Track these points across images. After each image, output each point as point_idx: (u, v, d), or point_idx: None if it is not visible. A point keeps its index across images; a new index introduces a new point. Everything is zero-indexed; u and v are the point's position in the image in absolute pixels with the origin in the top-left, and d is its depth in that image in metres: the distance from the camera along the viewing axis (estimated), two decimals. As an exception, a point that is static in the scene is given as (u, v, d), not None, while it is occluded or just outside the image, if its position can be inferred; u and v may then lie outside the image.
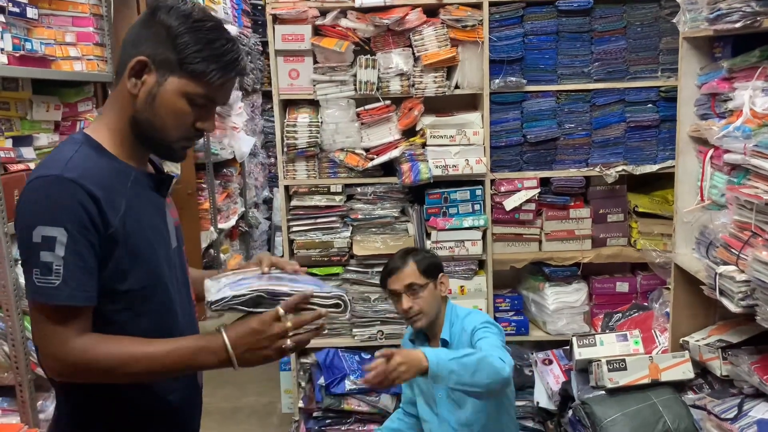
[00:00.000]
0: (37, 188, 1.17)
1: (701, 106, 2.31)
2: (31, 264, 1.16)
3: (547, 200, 3.09)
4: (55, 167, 1.18)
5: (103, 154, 1.25)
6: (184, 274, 1.41)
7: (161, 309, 1.30)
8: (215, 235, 5.19)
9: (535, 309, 3.21)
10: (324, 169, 3.07)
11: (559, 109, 3.03)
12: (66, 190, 1.15)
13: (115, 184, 1.22)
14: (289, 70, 2.98)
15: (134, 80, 1.24)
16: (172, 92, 1.23)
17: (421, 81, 2.95)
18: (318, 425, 3.00)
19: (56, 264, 1.14)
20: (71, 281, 1.15)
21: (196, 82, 1.24)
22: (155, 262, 1.28)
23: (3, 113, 2.40)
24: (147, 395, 1.31)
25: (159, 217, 1.33)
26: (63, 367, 1.20)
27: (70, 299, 1.16)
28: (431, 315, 2.21)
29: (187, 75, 1.23)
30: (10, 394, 2.44)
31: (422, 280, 2.19)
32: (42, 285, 1.15)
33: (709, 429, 2.08)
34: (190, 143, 1.33)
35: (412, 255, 2.25)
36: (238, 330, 1.22)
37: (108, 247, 1.19)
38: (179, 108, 1.25)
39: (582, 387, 2.51)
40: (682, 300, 2.43)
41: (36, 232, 1.14)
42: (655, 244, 3.04)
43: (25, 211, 1.18)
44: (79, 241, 1.15)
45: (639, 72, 3.02)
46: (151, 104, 1.24)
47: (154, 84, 1.23)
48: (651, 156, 3.07)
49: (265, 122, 6.67)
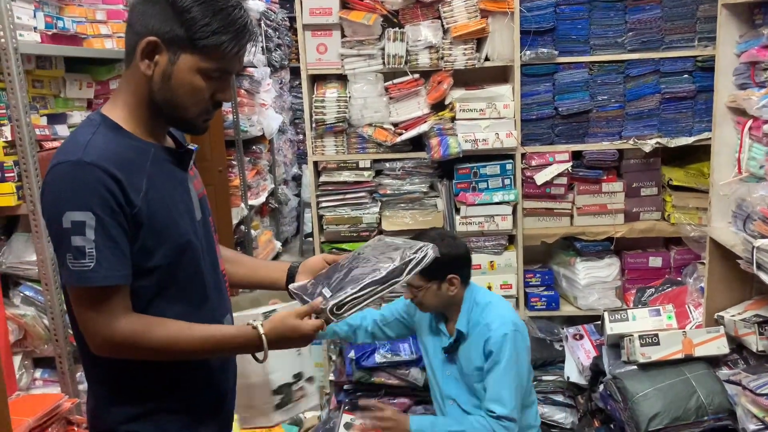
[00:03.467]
0: (59, 174, 1.18)
1: (740, 75, 2.25)
2: (63, 249, 1.17)
3: (579, 174, 3.04)
4: (74, 152, 1.18)
5: (121, 133, 1.25)
6: (211, 245, 1.42)
7: (190, 281, 1.32)
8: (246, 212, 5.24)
9: (566, 284, 3.18)
10: (352, 145, 3.06)
11: (591, 81, 2.97)
12: (88, 174, 1.16)
13: (135, 164, 1.23)
14: (317, 44, 2.96)
15: (147, 62, 1.22)
16: (186, 70, 1.22)
17: (450, 53, 2.91)
18: (348, 397, 3.04)
19: (88, 247, 1.16)
20: (104, 262, 1.17)
21: (210, 57, 1.22)
22: (180, 237, 1.28)
23: (37, 91, 2.44)
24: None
25: (182, 190, 1.33)
26: (110, 347, 1.22)
27: (105, 280, 1.17)
28: (434, 309, 2.16)
29: (199, 51, 1.21)
30: (50, 366, 2.52)
31: (420, 283, 2.05)
32: (77, 269, 1.17)
33: (744, 404, 2.05)
34: (210, 115, 1.31)
35: None
36: (274, 323, 1.29)
37: (133, 226, 1.21)
38: (196, 85, 1.23)
39: (613, 362, 2.49)
40: (717, 274, 2.39)
41: (65, 218, 1.15)
42: (689, 218, 2.98)
43: (51, 198, 1.19)
44: (108, 223, 1.17)
45: (675, 41, 2.94)
46: (167, 84, 1.23)
47: (167, 64, 1.22)
48: (686, 128, 3.00)
49: (293, 99, 6.67)
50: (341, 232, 3.08)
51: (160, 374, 1.31)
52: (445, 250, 2.01)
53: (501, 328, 2.01)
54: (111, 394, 1.32)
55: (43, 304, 2.40)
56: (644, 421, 2.15)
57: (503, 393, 1.99)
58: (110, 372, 1.30)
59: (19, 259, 2.40)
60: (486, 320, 2.05)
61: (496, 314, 2.07)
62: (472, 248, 3.02)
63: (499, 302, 2.15)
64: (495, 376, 2.00)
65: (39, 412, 2.12)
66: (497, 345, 2.00)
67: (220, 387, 1.43)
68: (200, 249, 1.35)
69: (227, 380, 1.46)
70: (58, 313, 2.37)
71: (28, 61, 2.35)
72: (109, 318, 1.20)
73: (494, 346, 2.00)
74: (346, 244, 3.08)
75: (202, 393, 1.38)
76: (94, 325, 1.21)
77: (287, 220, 6.73)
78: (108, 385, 1.33)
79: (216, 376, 1.41)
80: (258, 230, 5.75)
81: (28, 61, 2.35)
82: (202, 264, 1.34)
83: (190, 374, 1.34)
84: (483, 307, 2.09)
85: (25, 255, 2.40)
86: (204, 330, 1.27)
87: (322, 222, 3.11)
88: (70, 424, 2.23)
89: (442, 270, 2.03)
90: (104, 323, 1.20)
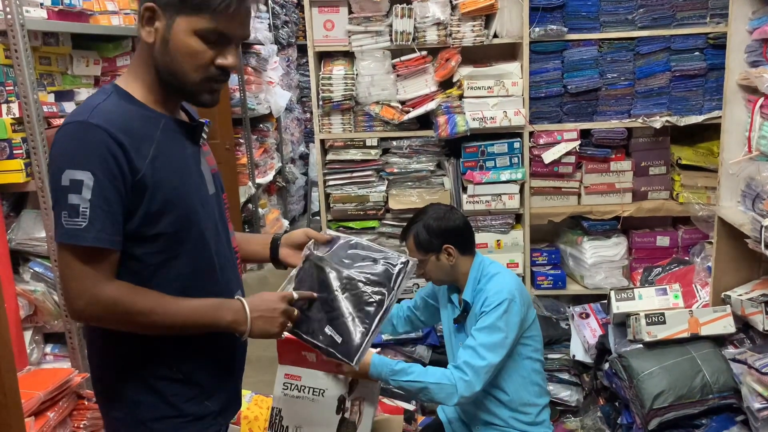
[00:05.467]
0: (65, 134, 1.21)
1: (752, 52, 2.21)
2: (60, 206, 1.19)
3: (587, 153, 3.03)
4: (82, 114, 1.21)
5: (131, 102, 1.26)
6: (224, 220, 1.43)
7: (196, 253, 1.32)
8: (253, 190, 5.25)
9: (572, 263, 3.18)
10: (359, 123, 3.05)
11: (601, 59, 2.94)
12: (92, 135, 1.18)
13: (142, 131, 1.24)
14: (324, 21, 2.94)
15: (148, 28, 1.24)
16: (182, 32, 1.22)
17: (458, 30, 2.89)
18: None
19: (83, 206, 1.17)
20: (97, 223, 1.18)
21: (203, 17, 1.21)
22: (187, 206, 1.29)
23: (44, 68, 2.44)
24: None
25: (192, 163, 1.34)
26: (91, 312, 1.22)
27: (95, 241, 1.18)
28: (442, 280, 2.18)
29: (192, 11, 1.21)
30: (61, 341, 2.55)
31: (420, 256, 2.11)
32: (70, 227, 1.18)
33: (750, 383, 2.06)
34: (218, 85, 1.29)
35: (413, 228, 2.15)
36: (255, 299, 1.35)
37: (137, 192, 1.21)
38: (193, 48, 1.23)
39: (619, 340, 2.50)
40: (725, 254, 2.38)
41: (65, 175, 1.17)
42: (698, 197, 2.96)
43: (55, 155, 1.22)
44: (106, 186, 1.18)
45: (686, 18, 2.89)
46: (166, 49, 1.23)
47: (164, 28, 1.23)
48: (697, 106, 2.97)
49: (300, 77, 6.64)
50: (348, 211, 3.09)
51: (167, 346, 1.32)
52: (436, 223, 2.12)
53: (498, 295, 2.02)
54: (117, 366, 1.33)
55: (52, 280, 2.42)
56: (649, 399, 2.16)
57: (478, 349, 1.95)
58: (117, 345, 1.31)
59: (29, 235, 2.42)
60: (488, 289, 2.06)
61: (499, 283, 2.07)
62: (478, 227, 3.02)
63: (506, 274, 2.14)
64: (476, 332, 1.98)
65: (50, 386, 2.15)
66: (489, 307, 2.00)
67: (227, 360, 1.44)
68: (212, 222, 1.36)
69: (235, 354, 1.47)
70: (67, 289, 2.39)
71: (35, 37, 2.35)
72: (94, 281, 1.20)
73: (486, 308, 2.01)
74: (353, 222, 3.09)
75: (210, 366, 1.39)
76: (78, 286, 1.21)
77: (295, 199, 6.74)
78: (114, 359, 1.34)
79: (224, 350, 1.41)
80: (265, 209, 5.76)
81: (35, 38, 2.35)
82: (208, 237, 1.34)
83: (197, 346, 1.35)
84: (489, 278, 2.10)
85: (34, 231, 2.42)
86: (189, 301, 1.28)
87: (329, 200, 3.11)
88: (80, 398, 2.27)
89: (436, 241, 2.11)
90: (89, 285, 1.20)
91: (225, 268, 1.39)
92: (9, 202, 2.47)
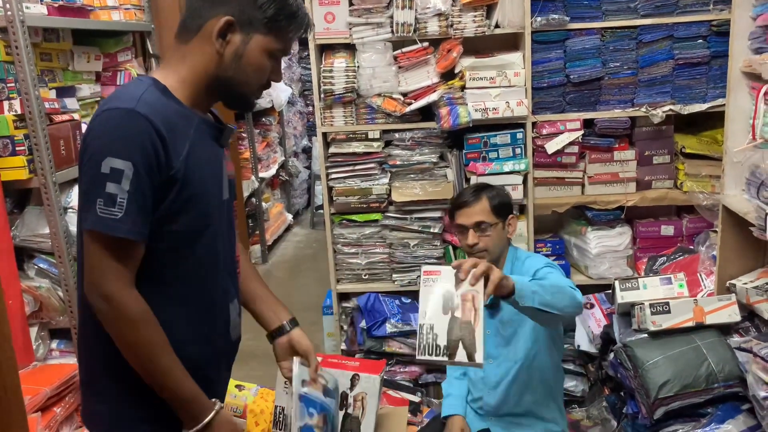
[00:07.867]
0: (109, 119, 1.19)
1: (756, 39, 2.20)
2: (95, 194, 1.17)
3: (590, 142, 3.01)
4: (128, 101, 1.20)
5: (169, 97, 1.27)
6: (231, 229, 1.43)
7: (204, 256, 1.32)
8: (257, 184, 5.26)
9: (577, 253, 3.18)
10: (361, 115, 3.04)
11: (603, 48, 2.92)
12: (139, 125, 1.18)
13: (180, 127, 1.25)
14: (325, 13, 2.93)
15: (220, 40, 1.28)
16: (257, 50, 1.30)
17: (459, 21, 2.87)
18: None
19: (120, 197, 1.17)
20: (132, 215, 1.18)
21: (279, 39, 1.32)
22: (206, 208, 1.30)
23: (46, 64, 2.44)
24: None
25: (217, 166, 1.36)
26: (108, 300, 1.20)
27: (129, 233, 1.18)
28: (495, 254, 2.16)
29: (271, 33, 1.30)
30: (66, 336, 2.56)
31: (492, 219, 2.14)
32: (104, 216, 1.17)
33: (755, 371, 2.05)
34: (261, 94, 1.41)
35: (486, 191, 2.18)
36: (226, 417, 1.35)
37: (167, 187, 1.22)
38: (263, 64, 1.32)
39: (624, 330, 2.50)
40: (730, 242, 2.37)
41: (105, 162, 1.16)
42: (702, 186, 2.95)
43: (95, 140, 1.19)
44: (144, 180, 1.18)
45: (689, 5, 2.87)
46: (237, 62, 1.30)
47: (240, 43, 1.29)
48: (700, 94, 2.95)
49: (302, 70, 6.63)
50: (351, 204, 3.08)
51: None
52: (505, 194, 2.26)
53: (543, 262, 2.12)
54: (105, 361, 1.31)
55: (57, 276, 2.43)
56: (654, 388, 2.16)
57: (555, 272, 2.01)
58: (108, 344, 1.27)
59: (33, 232, 2.43)
60: (527, 267, 2.12)
61: (537, 260, 2.16)
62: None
63: (537, 255, 2.29)
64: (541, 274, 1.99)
65: (56, 381, 2.17)
66: (543, 266, 2.05)
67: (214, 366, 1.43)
68: (222, 228, 1.36)
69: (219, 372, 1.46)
70: (72, 285, 2.40)
71: (36, 34, 2.35)
72: (120, 273, 1.20)
73: (540, 268, 2.05)
74: (356, 215, 3.09)
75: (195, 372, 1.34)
76: (102, 275, 1.20)
77: (298, 193, 6.74)
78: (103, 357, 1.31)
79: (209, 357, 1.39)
80: (269, 203, 5.77)
81: (36, 34, 2.35)
82: (218, 242, 1.35)
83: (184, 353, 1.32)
84: (524, 260, 2.19)
85: (38, 228, 2.42)
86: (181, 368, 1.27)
87: (332, 194, 3.11)
88: (86, 393, 2.27)
89: (506, 209, 2.19)
90: (114, 277, 1.20)
91: (225, 275, 1.39)
92: (12, 198, 2.48)
